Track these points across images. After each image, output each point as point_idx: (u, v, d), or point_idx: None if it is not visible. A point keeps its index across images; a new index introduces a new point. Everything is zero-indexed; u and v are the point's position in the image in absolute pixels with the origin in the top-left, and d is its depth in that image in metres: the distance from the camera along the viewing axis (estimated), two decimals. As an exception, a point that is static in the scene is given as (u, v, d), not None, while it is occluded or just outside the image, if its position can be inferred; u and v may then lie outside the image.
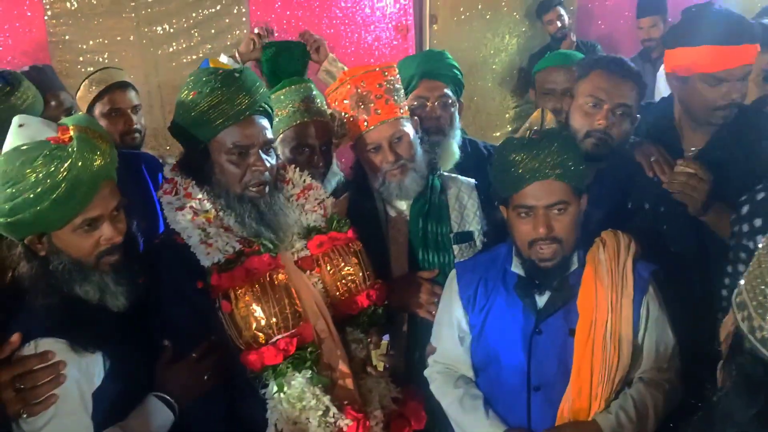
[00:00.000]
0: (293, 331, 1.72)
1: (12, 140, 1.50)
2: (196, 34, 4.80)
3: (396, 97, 2.12)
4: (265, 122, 1.80)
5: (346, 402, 1.80)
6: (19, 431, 1.48)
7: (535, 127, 1.85)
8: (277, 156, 1.89)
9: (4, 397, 1.43)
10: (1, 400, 1.43)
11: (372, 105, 2.07)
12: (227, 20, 4.83)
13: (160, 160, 2.85)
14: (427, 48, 5.12)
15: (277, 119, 2.22)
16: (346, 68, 2.51)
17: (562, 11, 5.10)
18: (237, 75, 1.75)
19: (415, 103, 2.44)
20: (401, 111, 2.13)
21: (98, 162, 1.51)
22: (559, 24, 5.07)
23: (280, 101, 2.27)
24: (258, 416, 1.74)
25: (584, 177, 1.82)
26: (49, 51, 4.61)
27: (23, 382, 1.44)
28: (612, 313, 1.77)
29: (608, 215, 2.02)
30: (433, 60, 2.54)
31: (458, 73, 2.54)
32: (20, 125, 1.51)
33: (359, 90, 2.09)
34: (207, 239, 1.72)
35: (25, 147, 1.47)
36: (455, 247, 2.16)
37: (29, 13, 4.52)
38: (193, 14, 4.76)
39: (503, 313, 1.88)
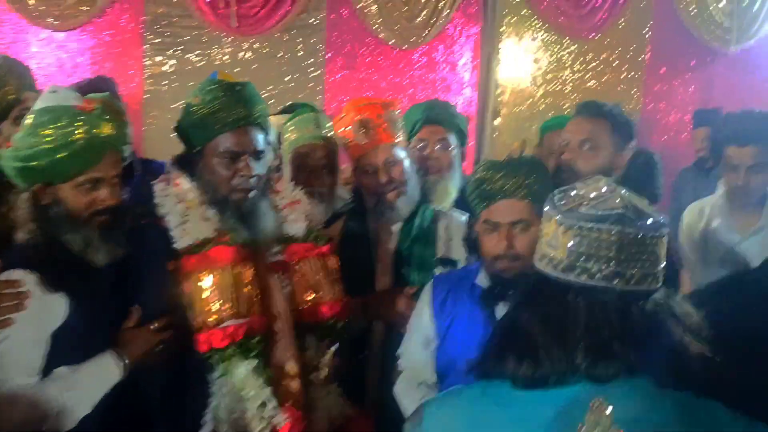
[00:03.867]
0: (244, 320, 1.82)
1: (44, 102, 1.76)
2: (274, 102, 5.23)
3: (393, 128, 2.31)
4: (258, 134, 1.96)
5: (289, 402, 1.85)
6: None
7: (514, 155, 1.96)
8: (269, 167, 2.06)
9: None
10: None
11: (371, 131, 2.26)
12: (300, 96, 5.24)
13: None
14: (487, 139, 5.31)
15: (285, 143, 2.44)
16: None
17: (624, 118, 5.16)
18: (238, 88, 1.96)
19: (419, 145, 2.62)
20: (397, 139, 2.31)
21: (109, 131, 1.76)
22: (620, 130, 5.12)
23: (287, 128, 2.50)
24: (201, 399, 1.82)
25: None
26: (142, 107, 5.15)
27: None
28: None
29: None
30: (437, 108, 2.73)
31: (461, 123, 2.69)
32: (53, 91, 1.78)
33: (360, 117, 2.28)
34: (183, 224, 1.89)
35: (53, 107, 1.74)
36: (438, 269, 2.26)
37: (130, 72, 5.11)
38: (272, 85, 5.20)
39: (465, 324, 1.94)
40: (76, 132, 1.70)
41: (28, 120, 1.74)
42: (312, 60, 5.30)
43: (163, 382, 1.85)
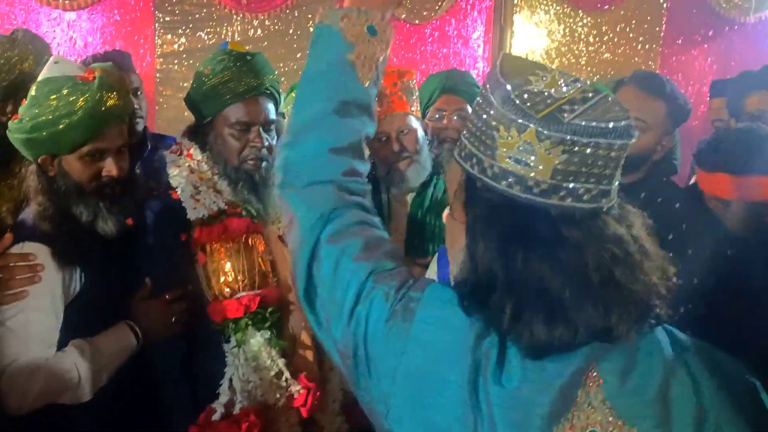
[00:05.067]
0: (258, 291, 1.82)
1: (46, 72, 1.75)
2: (286, 79, 5.20)
3: (408, 97, 2.26)
4: (269, 104, 1.95)
5: (304, 373, 1.85)
6: None
7: None
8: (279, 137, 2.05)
9: None
10: None
11: (385, 99, 2.23)
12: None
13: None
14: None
15: None
16: None
17: (640, 91, 5.09)
18: (249, 58, 1.94)
19: (436, 115, 2.60)
20: (412, 109, 2.27)
21: (112, 102, 1.74)
22: (635, 102, 5.06)
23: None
24: (216, 370, 1.82)
25: None
26: (154, 85, 5.14)
27: (1, 273, 1.63)
28: None
29: None
30: (455, 77, 2.69)
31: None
32: (55, 62, 1.76)
33: None
34: (196, 195, 1.88)
35: (55, 77, 1.72)
36: None
37: (141, 51, 5.10)
38: (283, 62, 5.17)
39: None
40: (78, 102, 1.68)
41: (32, 91, 1.73)
42: (323, 36, 5.25)
43: (178, 353, 1.86)
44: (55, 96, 1.68)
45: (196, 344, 1.87)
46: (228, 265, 1.82)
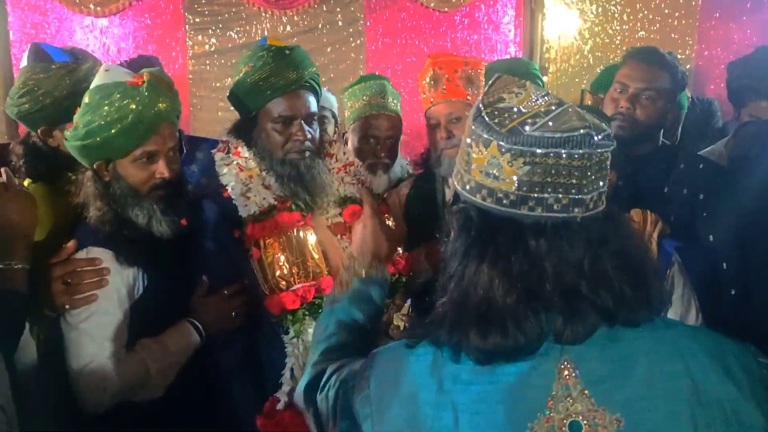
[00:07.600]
0: (313, 281, 1.83)
1: (97, 80, 1.77)
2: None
3: (466, 85, 2.22)
4: (310, 97, 1.95)
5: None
6: (65, 324, 1.69)
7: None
8: (323, 130, 2.04)
9: (54, 289, 1.67)
10: (51, 291, 1.66)
11: (441, 85, 2.21)
12: (342, 67, 5.20)
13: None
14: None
15: (349, 111, 2.43)
16: None
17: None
18: (288, 52, 1.94)
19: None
20: (469, 97, 2.22)
21: (161, 105, 1.76)
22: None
23: (355, 95, 2.50)
24: (277, 360, 1.85)
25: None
26: (188, 87, 5.18)
27: (71, 278, 1.67)
28: None
29: (646, 198, 2.04)
30: (519, 67, 2.66)
31: (541, 84, 2.62)
32: (106, 70, 1.79)
33: (435, 71, 2.25)
34: (247, 193, 1.89)
35: (106, 84, 1.75)
36: None
37: (173, 53, 5.14)
38: (313, 57, 5.16)
39: None
40: (129, 107, 1.70)
41: (85, 99, 1.76)
42: (352, 29, 5.24)
43: (239, 346, 1.88)
44: (107, 102, 1.71)
45: (256, 337, 1.89)
46: (282, 259, 1.83)
